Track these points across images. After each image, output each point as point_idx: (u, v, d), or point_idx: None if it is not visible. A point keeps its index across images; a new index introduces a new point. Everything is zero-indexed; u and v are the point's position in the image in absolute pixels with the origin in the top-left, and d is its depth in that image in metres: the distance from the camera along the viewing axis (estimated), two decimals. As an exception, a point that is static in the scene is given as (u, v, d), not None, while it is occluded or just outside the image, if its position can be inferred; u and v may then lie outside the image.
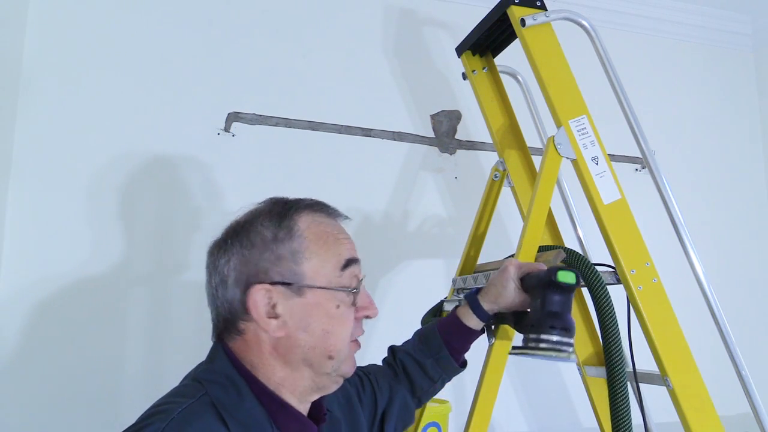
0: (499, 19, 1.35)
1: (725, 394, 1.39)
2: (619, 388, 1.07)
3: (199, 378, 0.79)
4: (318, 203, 0.87)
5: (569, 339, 0.88)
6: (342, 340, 0.82)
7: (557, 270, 0.90)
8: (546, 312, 0.89)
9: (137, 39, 1.78)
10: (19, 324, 1.59)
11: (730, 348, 1.21)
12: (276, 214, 0.83)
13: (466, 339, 1.10)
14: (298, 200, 0.87)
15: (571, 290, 0.90)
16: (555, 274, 0.90)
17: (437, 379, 1.10)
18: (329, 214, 0.87)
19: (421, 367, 1.09)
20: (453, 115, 2.07)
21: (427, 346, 1.10)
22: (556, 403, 1.99)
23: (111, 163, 1.71)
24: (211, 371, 0.80)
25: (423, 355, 1.10)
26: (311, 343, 0.80)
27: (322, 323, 0.80)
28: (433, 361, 1.08)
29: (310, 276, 0.80)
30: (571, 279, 0.90)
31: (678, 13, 2.38)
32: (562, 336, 0.88)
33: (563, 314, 0.89)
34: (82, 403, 1.60)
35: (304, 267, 0.80)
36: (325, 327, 0.80)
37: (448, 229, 1.99)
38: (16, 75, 1.66)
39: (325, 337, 0.80)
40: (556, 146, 1.20)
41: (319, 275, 0.81)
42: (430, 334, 1.11)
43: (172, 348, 1.68)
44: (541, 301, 0.91)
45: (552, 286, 0.90)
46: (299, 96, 1.90)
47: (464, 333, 1.09)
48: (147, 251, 1.71)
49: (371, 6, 2.03)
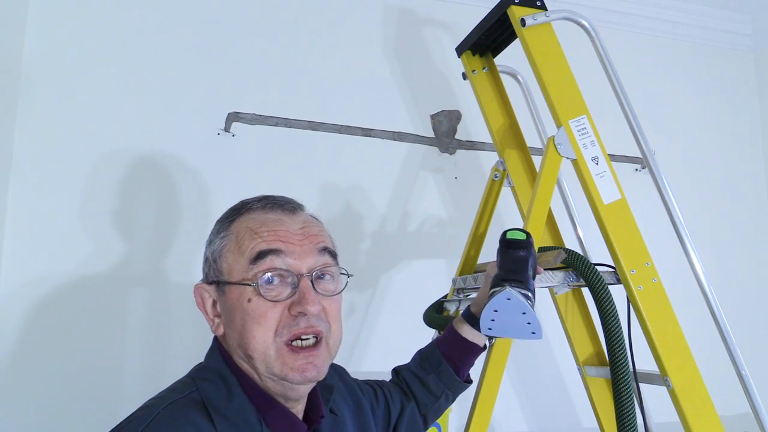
0: (499, 19, 1.35)
1: (725, 394, 1.39)
2: (624, 387, 1.07)
3: (192, 375, 0.82)
4: (263, 199, 0.86)
5: (527, 292, 0.92)
6: (257, 338, 0.77)
7: (507, 230, 0.98)
8: (504, 269, 0.94)
9: (137, 39, 1.78)
10: (19, 323, 1.59)
11: (730, 348, 1.21)
12: (221, 219, 0.86)
13: (465, 351, 1.10)
14: (251, 200, 0.86)
15: (521, 246, 0.95)
16: (505, 233, 0.97)
17: (440, 394, 1.09)
18: (271, 209, 0.84)
19: (423, 384, 1.09)
20: (453, 115, 2.07)
21: (428, 362, 1.10)
22: (556, 403, 1.98)
23: (111, 163, 1.71)
24: (205, 368, 0.82)
25: (424, 372, 1.10)
26: (236, 340, 0.80)
27: (241, 318, 0.78)
28: (435, 376, 1.09)
29: (227, 272, 0.81)
30: (521, 236, 0.96)
31: (678, 13, 2.38)
32: (519, 288, 0.91)
33: (518, 270, 0.93)
34: (82, 403, 1.60)
35: (222, 265, 0.82)
36: (242, 323, 0.78)
37: (448, 229, 1.99)
38: (16, 75, 1.66)
39: (242, 333, 0.78)
40: (556, 146, 1.20)
41: (234, 271, 0.80)
42: (429, 351, 1.12)
43: (172, 348, 1.68)
44: (500, 259, 0.96)
45: (503, 245, 0.96)
46: (299, 96, 1.90)
47: (462, 345, 1.09)
48: (147, 251, 1.70)
49: (371, 6, 2.03)
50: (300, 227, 0.83)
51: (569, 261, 1.16)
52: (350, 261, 1.85)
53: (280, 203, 0.85)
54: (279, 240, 0.80)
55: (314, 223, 0.86)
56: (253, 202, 0.85)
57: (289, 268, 0.79)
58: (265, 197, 0.86)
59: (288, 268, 0.79)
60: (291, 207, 0.85)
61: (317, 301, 0.79)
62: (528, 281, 0.93)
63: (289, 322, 0.78)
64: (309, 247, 0.81)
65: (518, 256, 0.95)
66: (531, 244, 0.97)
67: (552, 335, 1.86)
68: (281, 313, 0.78)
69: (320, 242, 0.83)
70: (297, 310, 0.78)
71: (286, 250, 0.79)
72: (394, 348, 1.63)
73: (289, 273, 0.79)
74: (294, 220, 0.83)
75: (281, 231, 0.81)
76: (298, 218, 0.84)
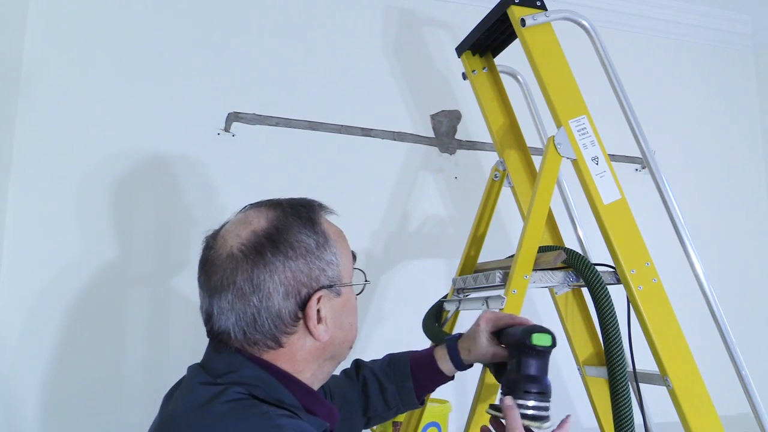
0: (499, 19, 1.35)
1: (725, 394, 1.39)
2: (621, 388, 1.07)
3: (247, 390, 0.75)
4: (316, 202, 0.88)
5: (546, 403, 0.86)
6: (357, 328, 0.87)
7: (532, 332, 0.87)
8: (522, 375, 0.86)
9: (137, 39, 1.78)
10: (19, 323, 1.59)
11: (730, 348, 1.21)
12: (307, 220, 0.82)
13: (435, 381, 1.08)
14: (302, 201, 0.86)
15: (547, 352, 0.87)
16: (530, 337, 0.86)
17: (393, 407, 1.07)
18: (323, 212, 0.88)
19: (382, 390, 1.06)
20: (453, 115, 2.07)
21: (395, 372, 1.08)
22: (556, 403, 1.97)
23: (111, 163, 1.71)
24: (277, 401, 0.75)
25: (387, 380, 1.07)
26: (342, 337, 0.83)
27: (350, 317, 0.85)
28: (395, 388, 1.06)
29: (345, 275, 0.84)
30: (547, 341, 0.86)
31: (678, 13, 2.38)
32: (539, 400, 0.85)
33: (540, 377, 0.86)
34: (82, 403, 1.60)
35: (340, 268, 0.83)
36: (351, 320, 0.85)
37: (448, 229, 1.99)
38: (16, 75, 1.66)
39: (351, 329, 0.85)
40: (556, 146, 1.20)
41: (347, 272, 0.85)
42: (401, 362, 1.09)
43: (172, 349, 1.68)
44: (517, 362, 0.87)
45: (527, 349, 0.86)
46: (299, 96, 1.90)
47: (435, 374, 1.07)
48: (147, 251, 1.70)
49: (371, 6, 2.03)
50: None
51: (569, 261, 1.16)
52: (350, 261, 1.86)
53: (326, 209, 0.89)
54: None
55: None
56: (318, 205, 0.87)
57: None
58: (310, 200, 0.88)
59: None
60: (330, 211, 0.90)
61: None
62: (547, 388, 0.87)
63: None
64: None
65: (542, 362, 0.87)
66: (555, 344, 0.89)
67: (552, 335, 1.87)
68: None
69: None
70: None
71: None
72: (393, 348, 1.63)
73: None
74: None
75: None
76: None
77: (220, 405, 0.71)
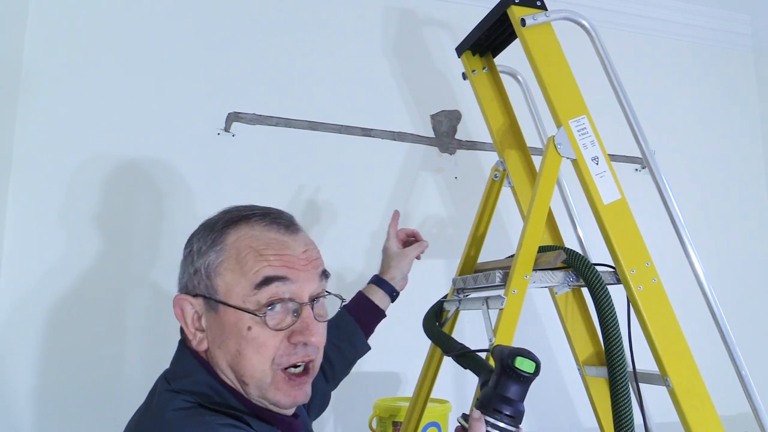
0: (499, 19, 1.35)
1: (725, 394, 1.39)
2: (621, 387, 1.07)
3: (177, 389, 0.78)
4: (266, 214, 0.82)
5: (514, 429, 0.82)
6: (254, 366, 0.76)
7: (518, 354, 0.83)
8: (497, 394, 0.83)
9: (137, 39, 1.78)
10: (19, 323, 1.59)
11: (730, 348, 1.21)
12: (211, 226, 0.82)
13: (374, 316, 1.22)
14: (246, 211, 0.82)
15: (528, 379, 0.83)
16: (514, 358, 0.82)
17: (353, 359, 1.19)
18: (272, 227, 0.81)
19: (340, 350, 1.15)
20: (453, 115, 2.06)
21: (340, 328, 1.16)
22: (556, 403, 1.98)
23: (111, 162, 1.71)
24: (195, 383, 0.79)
25: (339, 339, 1.15)
26: (227, 362, 0.77)
27: (236, 343, 0.76)
28: (348, 342, 1.17)
29: (223, 292, 0.77)
30: (529, 368, 0.82)
31: (678, 13, 2.38)
32: (507, 423, 0.81)
33: (514, 401, 0.82)
34: (82, 403, 1.60)
35: (217, 282, 0.78)
36: (238, 347, 0.76)
37: (448, 229, 1.99)
38: (16, 75, 1.66)
39: (237, 358, 0.76)
40: (556, 146, 1.20)
41: (233, 292, 0.77)
42: (342, 320, 1.19)
43: (172, 348, 1.67)
44: (496, 380, 0.84)
45: (508, 369, 0.83)
46: (299, 96, 1.90)
47: (373, 310, 1.24)
48: (147, 251, 1.70)
49: (371, 6, 2.03)
50: (303, 251, 0.81)
51: (569, 261, 1.16)
52: (350, 261, 1.86)
53: (282, 222, 0.82)
54: (285, 266, 0.78)
55: (312, 244, 0.84)
56: (250, 215, 0.81)
57: (292, 296, 0.78)
58: (264, 212, 0.83)
59: (292, 296, 0.78)
60: (294, 228, 0.83)
61: (318, 332, 0.79)
62: (520, 414, 0.83)
63: (288, 351, 0.77)
64: (312, 273, 0.80)
65: (521, 388, 0.84)
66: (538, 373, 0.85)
67: (552, 335, 1.86)
68: (281, 342, 0.77)
69: (320, 266, 0.82)
70: (298, 339, 0.77)
71: (292, 277, 0.78)
72: (393, 348, 1.64)
73: (292, 301, 0.78)
74: (297, 242, 0.81)
75: (287, 256, 0.78)
76: (300, 240, 0.82)
77: (169, 412, 0.74)
